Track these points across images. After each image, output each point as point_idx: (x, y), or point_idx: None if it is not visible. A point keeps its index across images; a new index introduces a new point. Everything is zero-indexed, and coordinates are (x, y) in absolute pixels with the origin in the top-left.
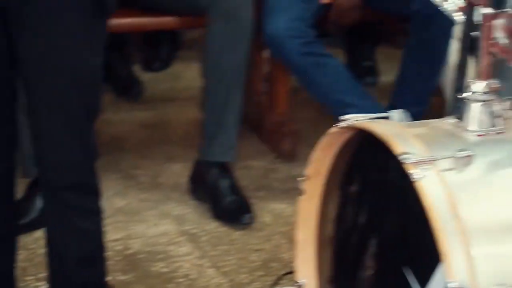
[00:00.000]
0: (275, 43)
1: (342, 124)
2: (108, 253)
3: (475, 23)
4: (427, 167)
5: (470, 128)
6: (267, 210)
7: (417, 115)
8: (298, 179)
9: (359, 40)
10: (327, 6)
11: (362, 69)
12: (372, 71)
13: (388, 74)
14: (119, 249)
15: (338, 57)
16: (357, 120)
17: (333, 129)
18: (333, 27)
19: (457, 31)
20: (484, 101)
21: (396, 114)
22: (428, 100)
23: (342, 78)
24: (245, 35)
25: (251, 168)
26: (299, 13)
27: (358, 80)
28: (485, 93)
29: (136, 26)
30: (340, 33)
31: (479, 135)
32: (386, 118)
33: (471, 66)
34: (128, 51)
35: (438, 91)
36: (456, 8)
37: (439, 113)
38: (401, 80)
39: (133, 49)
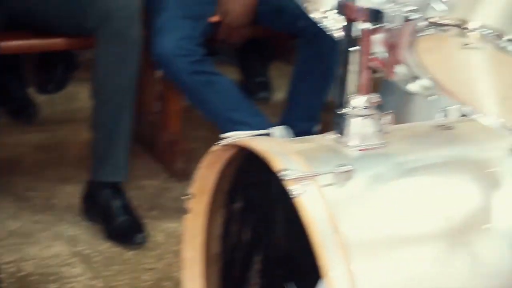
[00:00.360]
0: (164, 63)
1: (223, 142)
2: (1, 276)
3: (354, 38)
4: (307, 182)
5: (351, 143)
6: (159, 229)
7: (308, 131)
8: (183, 197)
9: (251, 57)
10: (217, 24)
11: (255, 86)
12: (265, 87)
13: (282, 90)
14: (11, 272)
15: (231, 75)
16: (238, 138)
17: (215, 147)
18: (223, 45)
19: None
20: (364, 115)
21: (278, 130)
22: (319, 116)
23: (232, 96)
24: (134, 56)
25: (144, 188)
26: (188, 32)
27: (251, 96)
28: (365, 107)
29: (25, 48)
30: (231, 50)
31: (359, 150)
32: (267, 134)
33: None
34: (23, 73)
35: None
36: (335, 24)
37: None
38: (291, 96)
39: (28, 71)
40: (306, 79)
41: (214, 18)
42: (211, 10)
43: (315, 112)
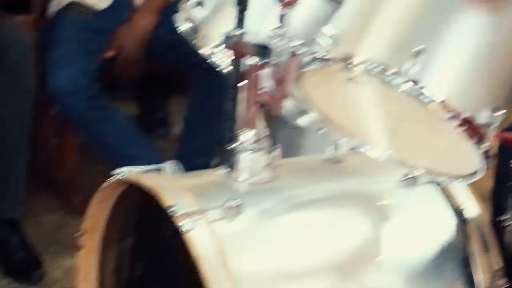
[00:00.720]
0: (58, 98)
1: (113, 178)
2: None
3: (243, 73)
4: (196, 218)
5: (240, 178)
6: (57, 265)
7: (204, 165)
8: (75, 234)
9: (150, 92)
10: (113, 59)
11: (153, 121)
12: (164, 123)
13: (182, 124)
14: None
15: (129, 110)
16: (128, 173)
17: (105, 184)
18: (120, 80)
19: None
20: (253, 150)
21: (168, 165)
22: (216, 150)
23: (126, 131)
24: (28, 91)
25: (42, 224)
26: (82, 67)
27: (149, 132)
28: (254, 142)
29: None
30: (129, 85)
31: (249, 185)
32: (158, 170)
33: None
34: None
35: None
36: (224, 59)
37: None
38: (186, 130)
39: None
40: (200, 113)
41: (110, 53)
42: (106, 45)
43: (211, 147)
